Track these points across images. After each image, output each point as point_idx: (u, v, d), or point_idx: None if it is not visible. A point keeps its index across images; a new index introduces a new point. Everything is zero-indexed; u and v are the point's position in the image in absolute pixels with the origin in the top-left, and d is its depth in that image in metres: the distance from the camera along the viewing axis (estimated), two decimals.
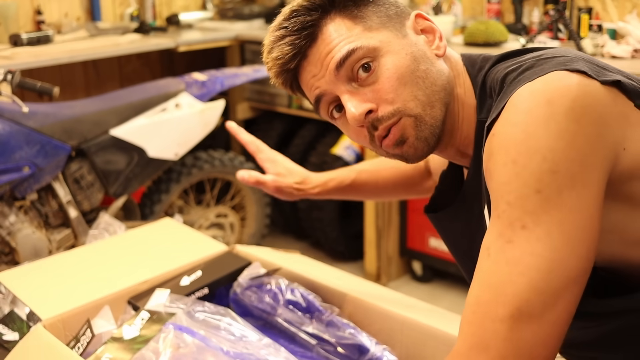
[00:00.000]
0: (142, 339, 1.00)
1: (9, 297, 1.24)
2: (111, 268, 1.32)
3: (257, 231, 3.01)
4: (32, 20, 3.00)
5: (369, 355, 1.08)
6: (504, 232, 0.71)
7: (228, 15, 3.52)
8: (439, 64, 0.90)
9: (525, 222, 0.70)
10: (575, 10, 2.72)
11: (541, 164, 0.70)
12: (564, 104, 0.72)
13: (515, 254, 0.70)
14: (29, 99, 2.64)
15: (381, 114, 0.87)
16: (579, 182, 0.70)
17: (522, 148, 0.72)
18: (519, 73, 0.81)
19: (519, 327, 0.69)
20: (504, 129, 0.75)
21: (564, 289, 0.69)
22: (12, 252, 2.21)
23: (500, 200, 0.73)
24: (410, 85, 0.86)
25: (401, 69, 0.86)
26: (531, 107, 0.73)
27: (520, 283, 0.69)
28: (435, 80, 0.88)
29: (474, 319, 0.71)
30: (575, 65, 0.77)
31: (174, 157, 2.54)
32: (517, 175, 0.71)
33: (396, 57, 0.87)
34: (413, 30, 0.91)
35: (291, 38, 0.87)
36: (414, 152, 0.89)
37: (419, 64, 0.88)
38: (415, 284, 2.94)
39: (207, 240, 1.43)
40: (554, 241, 0.69)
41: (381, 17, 0.89)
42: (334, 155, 2.99)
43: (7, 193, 2.17)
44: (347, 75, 0.87)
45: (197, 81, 2.63)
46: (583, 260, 0.70)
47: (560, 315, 0.69)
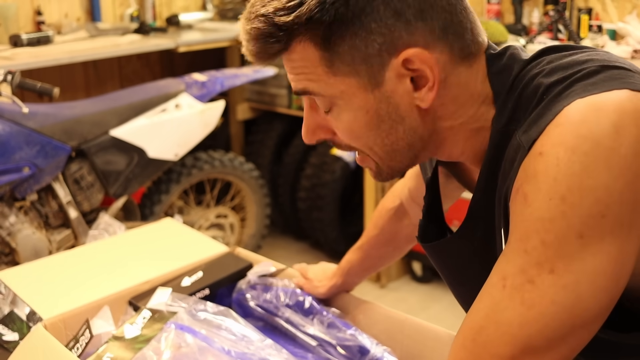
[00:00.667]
0: (143, 338, 1.00)
1: (8, 298, 1.24)
2: (112, 268, 1.32)
3: (257, 232, 3.01)
4: (32, 20, 3.00)
5: (369, 356, 1.08)
6: (528, 270, 0.65)
7: (228, 15, 3.52)
8: (413, 120, 0.77)
9: (555, 266, 0.64)
10: (575, 10, 2.72)
11: (592, 206, 0.63)
12: (633, 133, 0.64)
13: (533, 297, 0.65)
14: (29, 100, 2.64)
15: (338, 142, 0.82)
16: (624, 227, 0.64)
17: (575, 184, 0.63)
18: (565, 86, 0.70)
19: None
20: (556, 151, 0.65)
21: (573, 334, 0.66)
22: (12, 253, 2.21)
23: (534, 235, 0.65)
24: (365, 139, 0.78)
25: (354, 127, 0.77)
26: (593, 132, 0.64)
27: (531, 327, 0.65)
28: (397, 140, 0.78)
29: (472, 347, 0.68)
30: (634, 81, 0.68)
31: (174, 158, 2.54)
32: (563, 215, 0.64)
33: (352, 115, 0.76)
34: (395, 75, 0.74)
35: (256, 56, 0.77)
36: (379, 180, 0.84)
37: (381, 123, 0.76)
38: (415, 285, 2.94)
39: (208, 240, 1.43)
40: (580, 291, 0.64)
41: (355, 57, 0.73)
42: (333, 156, 2.99)
43: (7, 194, 2.17)
44: (308, 98, 0.80)
45: (197, 82, 2.63)
46: (603, 309, 0.66)
47: (561, 356, 0.66)
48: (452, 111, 0.78)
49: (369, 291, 2.84)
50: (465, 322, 0.71)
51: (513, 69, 0.77)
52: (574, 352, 0.67)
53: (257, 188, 2.94)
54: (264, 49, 0.75)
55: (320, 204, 3.01)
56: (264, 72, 2.86)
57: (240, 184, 2.90)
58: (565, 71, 0.72)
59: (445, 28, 0.73)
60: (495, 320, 0.67)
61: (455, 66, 0.76)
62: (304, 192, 3.08)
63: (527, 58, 0.78)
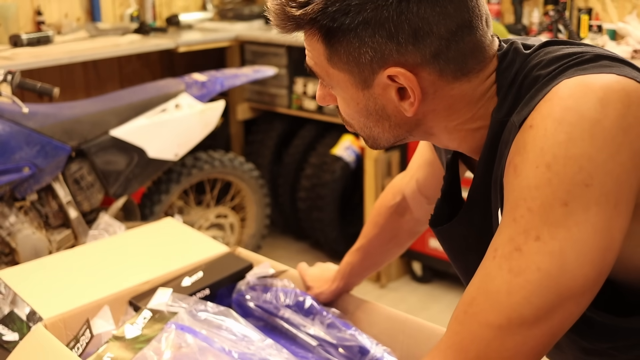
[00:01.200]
0: (144, 338, 1.00)
1: (8, 298, 1.24)
2: (112, 268, 1.32)
3: (257, 232, 3.01)
4: (32, 20, 3.00)
5: (369, 357, 1.08)
6: (515, 238, 0.67)
7: (228, 15, 3.52)
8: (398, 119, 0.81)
9: (540, 233, 0.66)
10: (575, 10, 2.73)
11: (576, 174, 0.65)
12: (618, 109, 0.66)
13: (520, 264, 0.66)
14: (29, 100, 2.64)
15: None
16: (609, 200, 0.65)
17: (560, 152, 0.66)
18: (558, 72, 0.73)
19: (505, 336, 0.66)
20: (544, 122, 0.68)
21: (560, 306, 0.66)
22: (12, 253, 2.21)
23: (521, 203, 0.67)
24: (356, 122, 0.85)
25: (347, 112, 0.84)
26: (579, 104, 0.67)
27: (517, 295, 0.66)
28: (383, 131, 0.83)
29: (464, 318, 0.69)
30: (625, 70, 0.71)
31: (174, 158, 2.54)
32: (548, 181, 0.66)
33: (346, 101, 0.83)
34: (383, 84, 0.78)
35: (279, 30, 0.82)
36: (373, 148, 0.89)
37: (369, 115, 0.82)
38: (415, 285, 2.94)
39: (208, 240, 1.43)
40: (564, 259, 0.65)
41: (349, 61, 0.77)
42: (333, 156, 2.99)
43: (7, 194, 2.17)
44: None
45: (197, 82, 2.63)
46: (590, 281, 0.66)
47: (550, 329, 0.67)
48: (445, 116, 0.80)
49: (369, 291, 2.84)
50: (462, 297, 0.72)
51: (515, 63, 0.80)
52: (563, 326, 0.68)
53: (257, 188, 2.94)
54: (281, 25, 0.80)
55: (320, 204, 3.01)
56: (264, 72, 2.86)
57: (240, 184, 2.90)
58: (560, 60, 0.75)
59: (437, 54, 0.75)
60: (485, 290, 0.68)
61: (448, 83, 0.78)
62: (304, 192, 3.08)
63: (527, 52, 0.80)
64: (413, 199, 1.16)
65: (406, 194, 1.17)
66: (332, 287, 1.23)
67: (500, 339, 0.66)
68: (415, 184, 1.14)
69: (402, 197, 1.18)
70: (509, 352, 0.66)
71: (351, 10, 0.74)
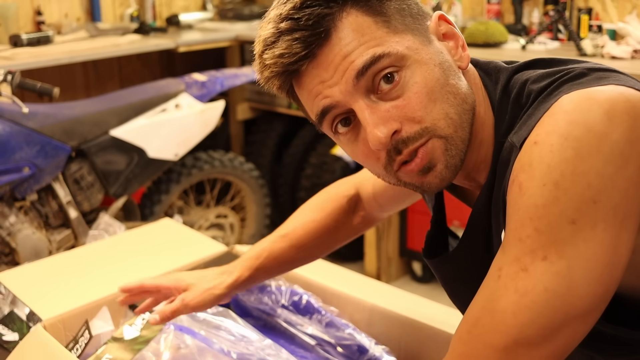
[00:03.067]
0: (142, 339, 1.00)
1: (8, 298, 1.24)
2: (112, 268, 1.32)
3: (257, 232, 3.01)
4: (32, 20, 3.00)
5: (368, 356, 1.08)
6: (521, 258, 0.65)
7: (228, 15, 3.52)
8: (463, 79, 0.78)
9: (548, 253, 0.64)
10: (575, 10, 2.72)
11: (585, 191, 0.63)
12: (625, 121, 0.64)
13: (527, 284, 0.64)
14: (29, 100, 2.64)
15: (406, 134, 0.74)
16: (617, 215, 0.64)
17: (568, 169, 0.63)
18: (554, 87, 0.71)
19: (510, 357, 0.65)
20: (549, 138, 0.65)
21: (567, 325, 0.64)
22: (12, 253, 2.21)
23: (528, 223, 0.65)
24: (440, 102, 0.74)
25: (431, 83, 0.74)
26: (586, 118, 0.64)
27: (524, 315, 0.64)
28: (465, 97, 0.76)
29: (468, 339, 0.68)
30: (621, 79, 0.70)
31: (174, 158, 2.54)
32: (556, 200, 0.64)
33: (425, 68, 0.74)
34: (436, 35, 0.78)
35: (303, 34, 0.72)
36: (438, 183, 0.77)
37: (448, 78, 0.75)
38: (415, 285, 2.94)
39: (207, 240, 1.43)
40: (572, 278, 0.64)
41: (405, 17, 0.75)
42: (333, 156, 2.99)
43: (7, 194, 2.17)
44: (367, 85, 0.74)
45: (197, 82, 2.63)
46: (597, 299, 0.65)
47: (557, 349, 0.65)
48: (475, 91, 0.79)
49: None
50: (464, 316, 0.71)
51: (500, 79, 0.80)
52: (569, 345, 0.66)
53: (257, 188, 2.94)
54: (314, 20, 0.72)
55: None
56: None
57: (240, 184, 2.90)
58: (552, 76, 0.74)
59: None
60: (490, 310, 0.67)
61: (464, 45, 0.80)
62: (304, 192, 3.08)
63: (512, 67, 0.80)
64: (367, 201, 1.11)
65: (361, 192, 1.11)
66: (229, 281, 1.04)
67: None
68: (372, 189, 1.10)
69: (357, 192, 1.12)
70: None
71: None
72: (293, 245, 1.07)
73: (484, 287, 0.69)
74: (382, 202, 1.09)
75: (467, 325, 0.68)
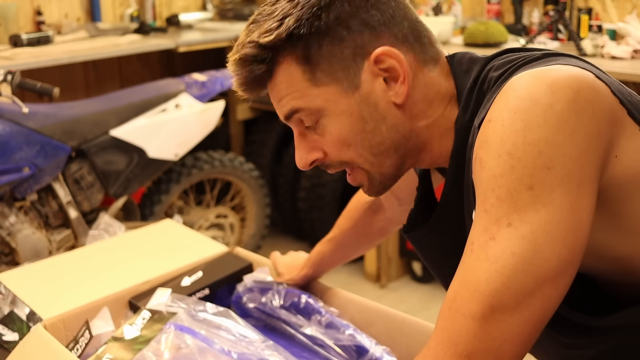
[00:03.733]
0: (143, 338, 1.00)
1: (8, 298, 1.24)
2: (112, 268, 1.32)
3: (257, 232, 3.01)
4: (32, 20, 3.00)
5: (368, 356, 1.08)
6: (489, 228, 0.69)
7: (228, 15, 3.52)
8: (392, 118, 0.84)
9: (511, 220, 0.68)
10: (575, 10, 2.73)
11: (536, 158, 0.68)
12: (567, 93, 0.69)
13: (495, 251, 0.68)
14: (29, 100, 2.64)
15: (329, 161, 0.87)
16: (572, 180, 0.68)
17: (519, 139, 0.68)
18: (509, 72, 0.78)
19: (489, 325, 0.67)
20: (501, 114, 0.71)
21: (539, 289, 0.68)
22: (12, 253, 2.21)
23: (490, 193, 0.70)
24: (355, 147, 0.84)
25: (343, 133, 0.83)
26: (531, 92, 0.70)
27: (496, 281, 0.67)
28: (383, 140, 0.84)
29: (448, 314, 0.70)
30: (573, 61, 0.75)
31: (174, 158, 2.54)
32: (512, 168, 0.68)
33: (339, 120, 0.83)
34: (370, 74, 0.82)
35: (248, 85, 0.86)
36: (372, 195, 0.90)
37: (365, 124, 0.83)
38: (415, 285, 2.94)
39: (208, 241, 1.43)
40: (537, 241, 0.67)
41: (333, 64, 0.82)
42: None
43: (7, 194, 2.17)
44: (297, 122, 0.86)
45: (197, 82, 2.63)
46: (565, 262, 0.68)
47: (532, 314, 0.68)
48: (423, 109, 0.85)
49: (369, 291, 2.84)
50: (445, 296, 0.73)
51: (473, 70, 0.85)
52: (545, 312, 0.69)
53: (257, 188, 2.94)
54: (251, 72, 0.83)
55: (320, 204, 3.01)
56: None
57: (240, 184, 2.90)
58: (511, 63, 0.80)
59: (406, 35, 0.84)
60: (465, 282, 0.70)
61: (420, 66, 0.85)
62: (304, 192, 3.08)
63: (485, 57, 0.87)
64: (386, 199, 1.18)
65: None
66: (301, 274, 1.27)
67: (485, 329, 0.68)
68: None
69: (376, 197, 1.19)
70: (496, 340, 0.67)
71: (322, 12, 0.80)
72: (338, 248, 1.27)
73: (461, 263, 0.72)
74: (400, 195, 1.15)
75: (448, 302, 0.71)
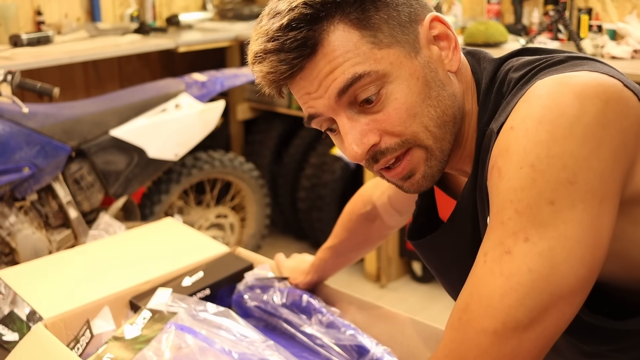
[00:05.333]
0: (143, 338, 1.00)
1: (9, 298, 1.24)
2: (113, 268, 1.32)
3: (257, 232, 3.01)
4: (32, 20, 3.00)
5: (369, 356, 1.08)
6: (504, 241, 0.67)
7: (228, 15, 3.52)
8: (451, 85, 0.80)
9: (529, 234, 0.65)
10: (575, 10, 2.72)
11: (560, 172, 0.65)
12: (596, 104, 0.66)
13: (511, 266, 0.66)
14: (29, 100, 2.64)
15: (385, 145, 0.78)
16: (595, 196, 0.65)
17: (543, 151, 0.65)
18: (531, 75, 0.74)
19: (501, 341, 0.66)
20: (524, 123, 0.67)
21: (554, 306, 0.66)
22: (12, 253, 2.21)
23: (508, 205, 0.67)
24: (420, 116, 0.77)
25: (411, 98, 0.76)
26: (558, 102, 0.66)
27: (510, 297, 0.65)
28: (446, 108, 0.78)
29: (459, 325, 0.69)
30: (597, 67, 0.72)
31: (174, 158, 2.54)
32: (534, 181, 0.65)
33: (406, 84, 0.76)
34: (426, 40, 0.79)
35: (288, 55, 0.74)
36: (416, 189, 0.82)
37: (430, 90, 0.77)
38: (415, 285, 2.93)
39: (209, 241, 1.43)
40: (554, 258, 0.65)
41: (393, 27, 0.76)
42: (333, 156, 2.99)
43: (7, 194, 2.16)
44: (349, 100, 0.77)
45: (197, 82, 2.63)
46: (581, 280, 0.66)
47: (545, 330, 0.66)
48: (465, 90, 0.82)
49: (369, 291, 2.84)
50: (455, 304, 0.72)
51: (486, 68, 0.83)
52: (558, 328, 0.67)
53: (257, 188, 2.94)
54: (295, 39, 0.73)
55: (320, 204, 3.01)
56: None
57: (240, 184, 2.90)
58: (532, 64, 0.76)
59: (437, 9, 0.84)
60: (478, 295, 0.68)
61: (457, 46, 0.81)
62: (304, 192, 3.08)
63: (500, 57, 0.83)
64: (384, 211, 1.17)
65: (377, 205, 1.19)
66: (307, 280, 1.27)
67: (497, 345, 0.66)
68: (387, 199, 1.16)
69: (373, 207, 1.19)
70: (506, 357, 0.66)
71: None
72: (338, 255, 1.26)
73: (472, 273, 0.70)
74: (399, 207, 1.14)
75: (458, 312, 0.70)
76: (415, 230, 0.96)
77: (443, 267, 0.94)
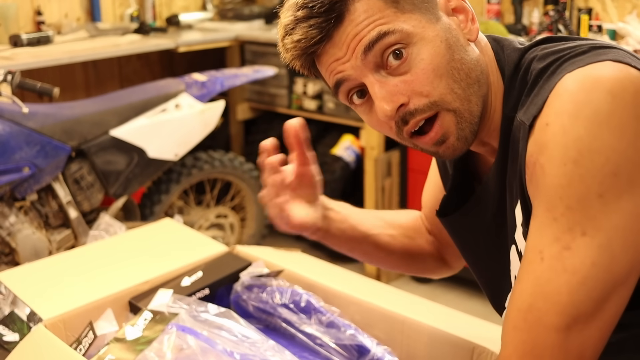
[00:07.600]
0: (145, 339, 1.00)
1: (9, 298, 1.24)
2: (112, 268, 1.32)
3: (257, 232, 3.01)
4: (32, 20, 3.00)
5: (369, 356, 1.08)
6: (561, 237, 0.69)
7: (228, 15, 3.52)
8: (472, 51, 0.82)
9: (585, 228, 0.68)
10: (575, 10, 2.73)
11: (604, 165, 0.67)
12: (626, 98, 0.69)
13: (574, 262, 0.68)
14: (29, 100, 2.64)
15: (414, 106, 0.79)
16: (637, 187, 0.68)
17: (584, 146, 0.68)
18: (556, 66, 0.75)
19: (572, 334, 0.68)
20: (560, 119, 0.70)
21: (615, 293, 0.69)
22: (12, 253, 2.21)
23: (558, 202, 0.69)
24: (446, 78, 0.79)
25: (436, 59, 0.78)
26: (591, 97, 0.69)
27: (578, 292, 0.68)
28: (470, 71, 0.80)
29: (525, 326, 0.70)
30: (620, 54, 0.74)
31: (174, 158, 2.54)
32: (581, 177, 0.68)
33: (431, 45, 0.78)
34: (444, 11, 0.82)
35: (317, 20, 0.78)
36: (451, 153, 0.83)
37: (453, 53, 0.79)
38: (415, 285, 2.94)
39: (208, 240, 1.43)
40: (613, 248, 0.68)
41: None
42: (333, 156, 2.99)
43: (7, 194, 2.17)
44: (376, 61, 0.79)
45: (197, 82, 2.63)
46: (635, 263, 0.69)
47: (609, 317, 0.69)
48: (487, 62, 0.84)
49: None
50: (511, 306, 0.73)
51: (511, 56, 0.84)
52: (618, 311, 0.70)
53: (257, 188, 2.94)
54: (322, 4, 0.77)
55: None
56: (264, 72, 2.86)
57: (240, 184, 2.90)
58: (556, 54, 0.78)
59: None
60: (542, 293, 0.69)
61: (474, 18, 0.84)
62: None
63: (524, 46, 0.85)
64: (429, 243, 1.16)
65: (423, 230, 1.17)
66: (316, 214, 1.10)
67: (569, 340, 0.68)
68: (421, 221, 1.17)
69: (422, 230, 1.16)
70: (578, 349, 0.68)
71: None
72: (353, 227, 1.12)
73: (527, 273, 0.71)
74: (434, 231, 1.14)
75: (521, 313, 0.71)
76: (444, 207, 0.98)
77: (465, 245, 0.98)
